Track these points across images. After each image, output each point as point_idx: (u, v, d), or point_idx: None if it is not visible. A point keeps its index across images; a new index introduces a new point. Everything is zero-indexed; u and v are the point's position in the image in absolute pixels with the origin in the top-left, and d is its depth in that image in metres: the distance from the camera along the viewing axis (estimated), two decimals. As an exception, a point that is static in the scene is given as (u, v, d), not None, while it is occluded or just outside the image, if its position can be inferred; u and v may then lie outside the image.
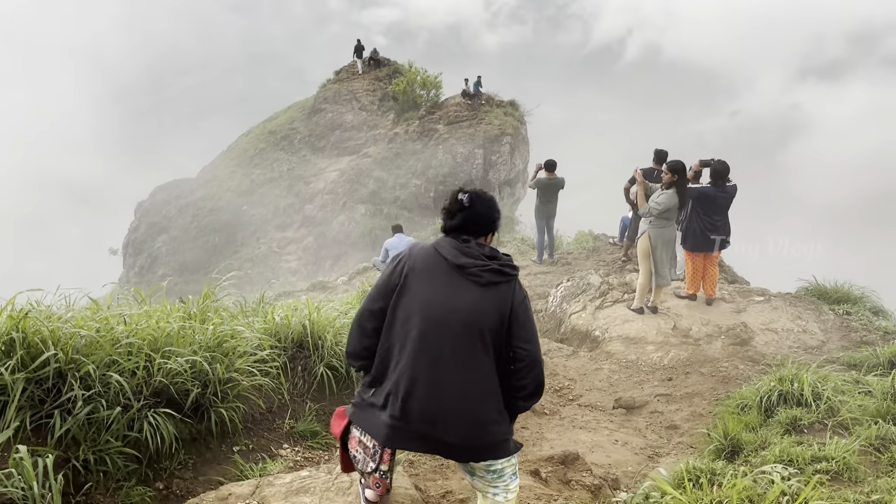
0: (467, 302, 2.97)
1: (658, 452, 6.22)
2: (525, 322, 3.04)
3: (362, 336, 3.16)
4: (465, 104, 35.89)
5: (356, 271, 16.38)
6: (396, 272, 3.11)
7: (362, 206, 32.28)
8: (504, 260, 3.10)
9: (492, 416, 3.03)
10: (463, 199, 3.11)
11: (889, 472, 4.75)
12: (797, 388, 5.99)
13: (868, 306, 10.14)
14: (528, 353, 3.02)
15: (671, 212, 9.06)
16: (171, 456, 4.23)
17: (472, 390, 2.98)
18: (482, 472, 3.16)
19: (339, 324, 5.63)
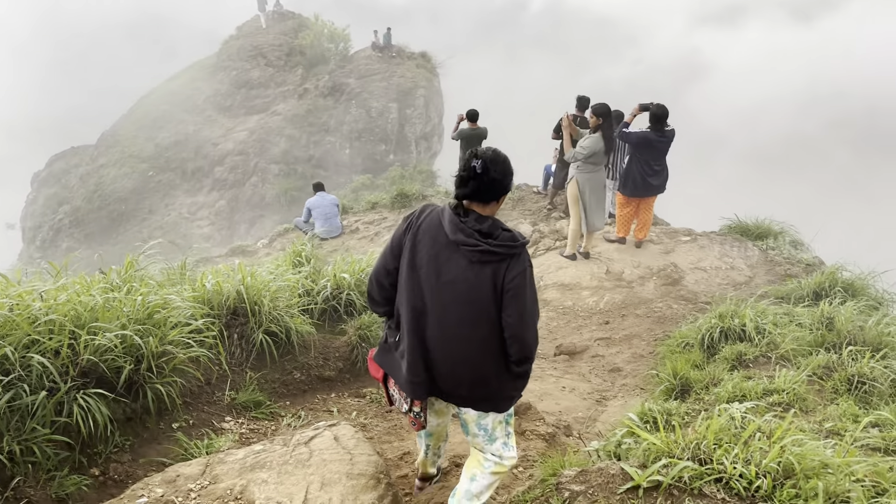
0: (460, 272, 3.05)
1: (605, 396, 6.22)
2: (515, 297, 3.06)
3: (381, 289, 3.31)
4: (375, 57, 35.13)
5: (276, 233, 15.84)
6: (404, 234, 3.19)
7: (275, 166, 31.37)
8: (500, 238, 3.05)
9: (489, 373, 3.15)
10: (476, 166, 3.00)
11: (834, 399, 4.84)
12: (738, 323, 6.06)
13: (788, 240, 10.44)
14: (511, 326, 3.07)
15: (598, 156, 9.00)
16: (105, 439, 3.90)
17: (461, 355, 3.13)
18: (474, 427, 3.32)
19: (274, 287, 5.33)
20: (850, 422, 4.35)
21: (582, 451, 3.73)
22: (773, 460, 2.91)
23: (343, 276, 6.01)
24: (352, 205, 16.92)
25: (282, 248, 14.59)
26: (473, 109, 13.20)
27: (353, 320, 5.86)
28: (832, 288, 7.79)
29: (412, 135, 34.13)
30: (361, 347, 5.67)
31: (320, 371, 5.46)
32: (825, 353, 5.33)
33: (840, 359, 5.16)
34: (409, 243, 3.15)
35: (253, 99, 34.69)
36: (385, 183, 23.58)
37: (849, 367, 5.00)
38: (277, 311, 5.22)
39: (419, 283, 3.10)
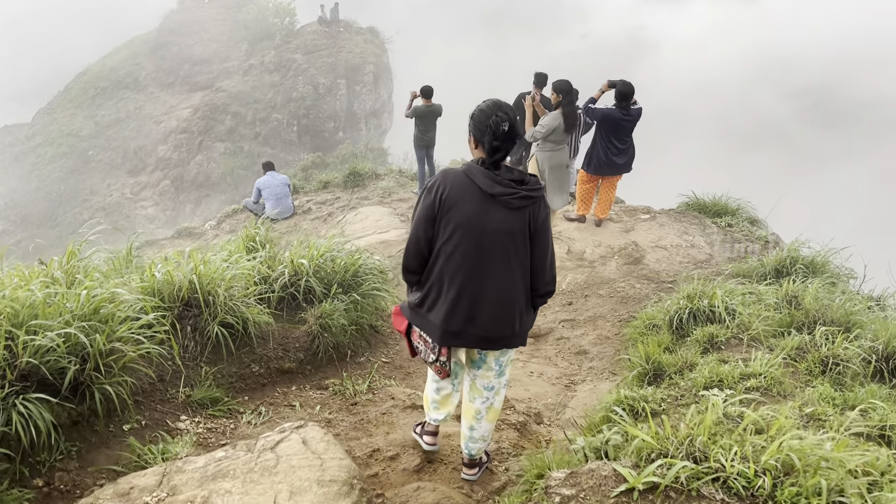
0: (500, 222, 3.37)
1: (573, 380, 6.09)
2: (544, 234, 3.49)
3: (419, 255, 3.54)
4: (322, 32, 34.42)
5: (225, 214, 15.36)
6: (435, 201, 3.42)
7: (220, 144, 30.58)
8: (531, 183, 3.42)
9: (520, 312, 3.53)
10: (505, 129, 3.34)
11: (809, 382, 4.77)
12: (707, 304, 5.97)
13: (744, 217, 10.46)
14: (541, 261, 3.51)
15: (557, 134, 8.83)
16: (49, 447, 3.58)
17: (506, 295, 3.46)
18: (493, 363, 3.73)
19: (229, 275, 5.01)
20: (829, 406, 4.27)
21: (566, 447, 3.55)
22: (771, 457, 2.77)
23: (301, 261, 5.71)
24: (303, 184, 16.50)
25: (231, 230, 14.16)
26: (428, 86, 12.90)
27: (314, 308, 5.59)
28: (793, 265, 7.78)
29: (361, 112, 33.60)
30: (323, 337, 5.41)
31: (280, 363, 5.19)
32: (797, 334, 5.26)
33: (813, 340, 5.09)
34: (444, 209, 3.40)
35: (196, 75, 33.69)
36: (335, 161, 23.14)
37: (822, 349, 4.93)
38: (233, 301, 4.92)
39: (464, 239, 3.38)
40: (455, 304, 3.45)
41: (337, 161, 22.95)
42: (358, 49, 34.06)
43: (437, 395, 4.02)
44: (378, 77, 34.61)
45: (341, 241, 6.39)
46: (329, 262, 5.95)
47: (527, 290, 3.54)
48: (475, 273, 3.41)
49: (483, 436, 3.91)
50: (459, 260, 3.40)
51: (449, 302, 3.46)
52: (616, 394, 4.72)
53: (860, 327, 5.55)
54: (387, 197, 13.79)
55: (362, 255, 6.21)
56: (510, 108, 3.44)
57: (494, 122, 3.34)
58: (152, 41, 36.52)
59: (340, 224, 12.61)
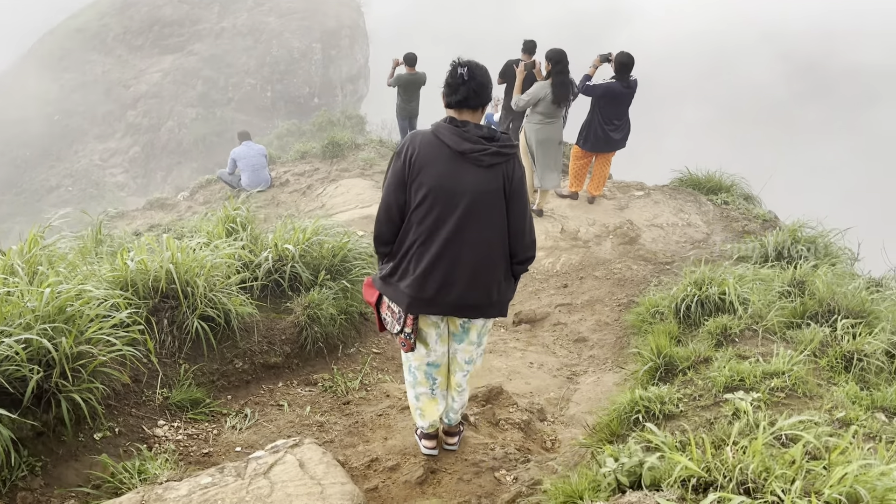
0: (472, 183, 3.20)
1: (575, 372, 5.77)
2: (520, 195, 3.33)
3: (390, 223, 3.36)
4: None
5: (198, 185, 14.75)
6: (405, 164, 3.23)
7: (192, 109, 29.71)
8: (502, 140, 3.24)
9: (498, 279, 3.39)
10: (463, 73, 3.20)
11: (831, 378, 4.49)
12: (717, 292, 5.66)
13: (739, 193, 10.18)
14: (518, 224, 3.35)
15: (544, 105, 8.37)
16: (10, 464, 3.19)
17: (484, 259, 3.31)
18: (474, 335, 3.59)
19: (209, 264, 4.59)
20: (859, 408, 3.99)
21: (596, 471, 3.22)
22: (836, 489, 2.46)
23: (287, 247, 5.30)
24: (279, 154, 15.94)
25: (205, 202, 13.64)
26: (411, 53, 12.39)
27: (300, 297, 5.19)
28: (794, 246, 7.52)
29: (337, 77, 32.84)
30: (311, 328, 5.02)
31: (265, 358, 4.80)
32: (815, 326, 4.97)
33: (834, 333, 4.81)
34: (413, 172, 3.21)
35: (167, 38, 32.60)
36: (312, 129, 22.49)
37: (844, 343, 4.65)
38: (214, 291, 4.50)
39: (436, 202, 3.20)
40: (429, 270, 3.29)
41: (314, 129, 22.30)
42: (333, 12, 33.23)
43: (418, 402, 3.80)
44: (354, 41, 33.83)
45: (328, 223, 5.97)
46: (316, 247, 5.54)
47: (506, 255, 3.40)
48: (450, 237, 3.25)
49: (463, 404, 3.89)
50: (432, 225, 3.24)
51: (422, 269, 3.30)
52: (631, 394, 4.40)
53: (876, 317, 5.30)
54: (368, 169, 13.33)
55: (350, 238, 5.80)
56: (483, 68, 3.30)
57: (452, 67, 3.25)
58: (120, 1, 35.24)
59: (320, 197, 12.15)
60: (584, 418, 5.02)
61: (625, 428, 4.24)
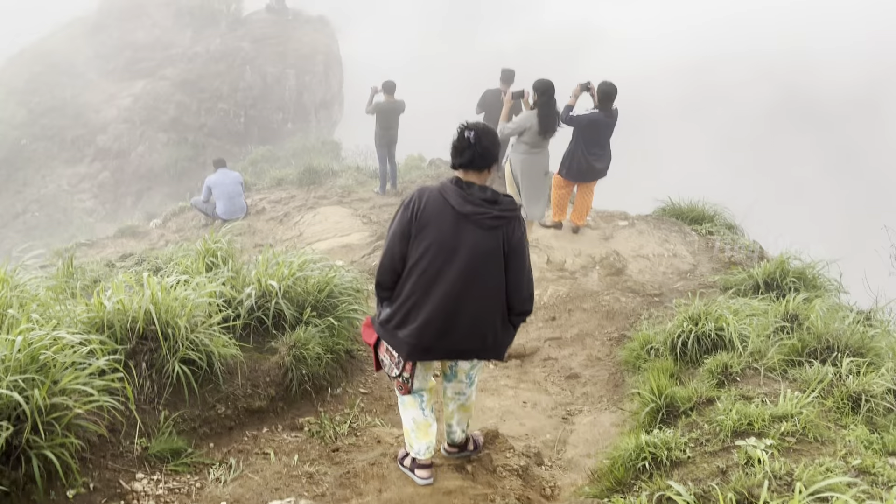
0: (472, 242, 3.39)
1: (570, 411, 5.58)
2: (519, 255, 3.50)
3: (393, 272, 3.53)
4: (271, 20, 33.28)
5: (171, 213, 14.43)
6: (411, 218, 3.43)
7: (163, 134, 29.23)
8: (504, 203, 3.44)
9: (495, 327, 3.55)
10: (469, 137, 3.38)
11: (839, 420, 4.35)
12: (714, 327, 5.51)
13: (722, 223, 10.13)
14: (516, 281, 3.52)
15: (530, 135, 8.27)
16: (-26, 530, 2.91)
17: (479, 312, 3.48)
18: (463, 376, 3.79)
19: (191, 303, 4.34)
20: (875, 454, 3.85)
21: None
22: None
23: (271, 283, 5.06)
24: (255, 181, 15.69)
25: (178, 230, 13.33)
26: (390, 81, 12.27)
27: (285, 336, 4.95)
28: (783, 279, 7.44)
29: (311, 103, 32.61)
30: (296, 369, 4.78)
31: (249, 402, 4.55)
32: (817, 364, 4.84)
33: (838, 372, 4.68)
34: (417, 226, 3.42)
35: (138, 62, 32.18)
36: (287, 155, 22.25)
37: (850, 383, 4.51)
38: (197, 332, 4.25)
39: (437, 257, 3.39)
40: (428, 322, 3.44)
41: (288, 155, 22.08)
42: (308, 38, 33.08)
43: (413, 424, 3.91)
44: (329, 67, 33.67)
45: (315, 256, 5.74)
46: (301, 282, 5.31)
47: (502, 307, 3.55)
48: (448, 291, 3.40)
49: (462, 427, 4.03)
50: (432, 278, 3.41)
51: (421, 321, 3.45)
52: (635, 439, 4.22)
53: (877, 354, 5.19)
54: (346, 196, 13.11)
55: (337, 273, 5.58)
56: (491, 132, 3.47)
57: (459, 131, 3.45)
58: (91, 24, 34.80)
59: (298, 225, 11.91)
60: (583, 462, 4.83)
61: (631, 475, 4.06)
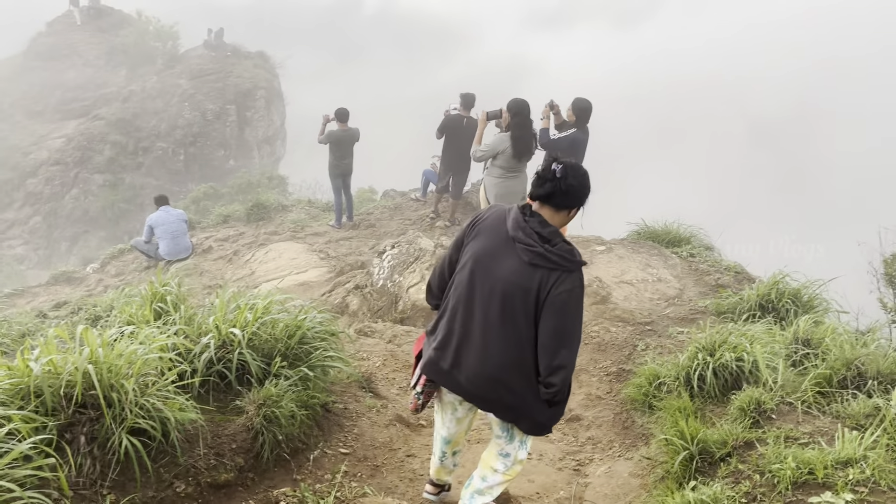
0: (510, 271, 3.10)
1: (580, 461, 4.94)
2: (556, 312, 3.04)
3: (441, 276, 3.45)
4: (209, 57, 32.47)
5: (110, 256, 13.41)
6: (470, 226, 3.32)
7: (99, 176, 27.99)
8: (558, 247, 3.07)
9: (513, 381, 3.18)
10: (556, 169, 3.08)
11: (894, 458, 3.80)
12: (731, 358, 4.95)
13: (700, 245, 9.73)
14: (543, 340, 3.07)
15: (505, 159, 7.77)
16: None
17: (496, 354, 3.15)
18: (498, 428, 3.45)
19: (140, 360, 3.58)
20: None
21: None
22: None
23: (232, 330, 4.32)
24: (198, 219, 14.79)
25: (118, 273, 12.37)
26: (343, 108, 11.66)
27: (252, 392, 4.20)
28: (779, 300, 6.99)
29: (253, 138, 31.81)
30: (268, 432, 4.04)
31: (213, 475, 3.78)
32: (862, 396, 4.31)
33: (888, 405, 4.14)
34: (471, 235, 3.30)
35: (70, 102, 30.94)
36: (231, 192, 21.36)
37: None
38: (148, 396, 3.49)
39: (473, 273, 3.20)
40: (447, 340, 3.31)
41: (232, 191, 21.19)
42: (248, 74, 32.33)
43: (434, 458, 3.88)
44: (270, 102, 32.97)
45: (281, 297, 5.01)
46: (267, 327, 4.58)
47: (525, 363, 3.15)
48: (468, 311, 3.21)
49: (491, 488, 3.58)
50: (463, 294, 3.24)
51: (442, 336, 3.33)
52: (675, 496, 3.60)
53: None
54: (300, 231, 12.36)
55: (308, 315, 4.86)
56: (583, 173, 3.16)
57: (547, 161, 3.17)
58: (18, 66, 33.43)
59: (249, 264, 11.10)
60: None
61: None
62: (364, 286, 8.46)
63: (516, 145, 7.67)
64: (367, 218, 12.77)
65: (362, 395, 5.44)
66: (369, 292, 8.31)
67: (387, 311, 7.91)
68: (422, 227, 11.35)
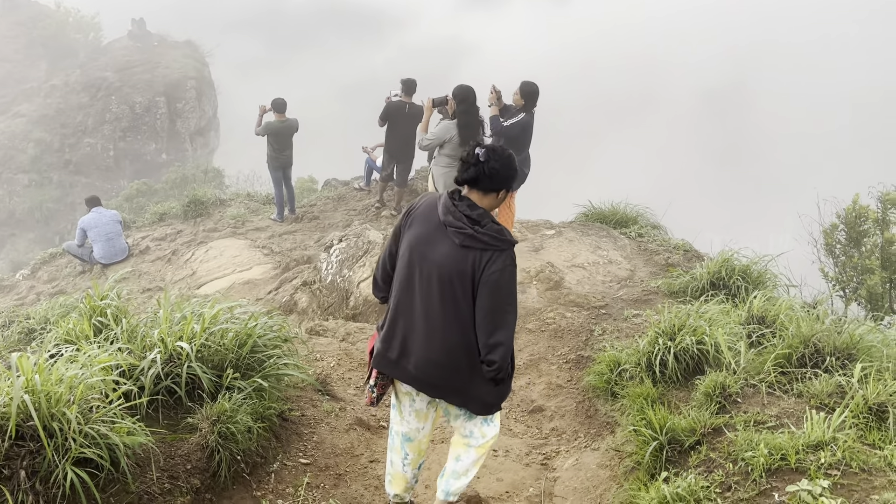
0: (444, 255, 3.16)
1: (546, 454, 4.86)
2: (489, 292, 3.11)
3: (384, 269, 3.50)
4: (135, 47, 31.41)
5: (41, 260, 12.79)
6: (405, 216, 3.38)
7: (24, 175, 26.88)
8: (488, 229, 3.11)
9: (458, 365, 3.23)
10: (479, 154, 3.14)
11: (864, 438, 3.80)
12: (692, 342, 4.92)
13: (647, 224, 9.77)
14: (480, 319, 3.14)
15: (452, 147, 7.60)
16: None
17: (436, 336, 3.21)
18: (455, 409, 3.44)
19: (82, 384, 3.33)
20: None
21: None
22: None
23: (180, 344, 4.09)
24: (133, 218, 14.26)
25: (50, 279, 11.82)
26: (280, 99, 11.32)
27: (205, 408, 3.98)
28: (730, 277, 7.04)
29: (186, 131, 30.94)
30: (225, 449, 3.83)
31: (168, 500, 3.56)
32: (824, 375, 4.32)
33: (850, 383, 4.16)
34: (407, 225, 3.34)
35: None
36: (165, 187, 20.71)
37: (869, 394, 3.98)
38: (92, 423, 3.25)
39: (411, 262, 3.26)
40: (392, 330, 3.36)
41: (167, 187, 20.55)
42: (177, 64, 31.36)
43: (391, 467, 3.72)
44: (201, 93, 32.08)
45: (228, 304, 4.77)
46: (216, 337, 4.35)
47: (471, 346, 3.20)
48: (410, 299, 3.28)
49: (467, 469, 3.55)
50: (403, 283, 3.31)
51: (387, 327, 3.39)
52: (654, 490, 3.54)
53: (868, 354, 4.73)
54: (240, 227, 12.00)
55: (259, 321, 4.64)
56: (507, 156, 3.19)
57: (471, 146, 3.22)
58: (-72, 64, 31.78)
59: (189, 263, 10.72)
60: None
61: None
62: (312, 282, 8.23)
63: (462, 133, 7.50)
64: (310, 210, 12.47)
65: (318, 398, 5.26)
66: (318, 288, 8.08)
67: (338, 308, 7.71)
68: (367, 218, 11.14)
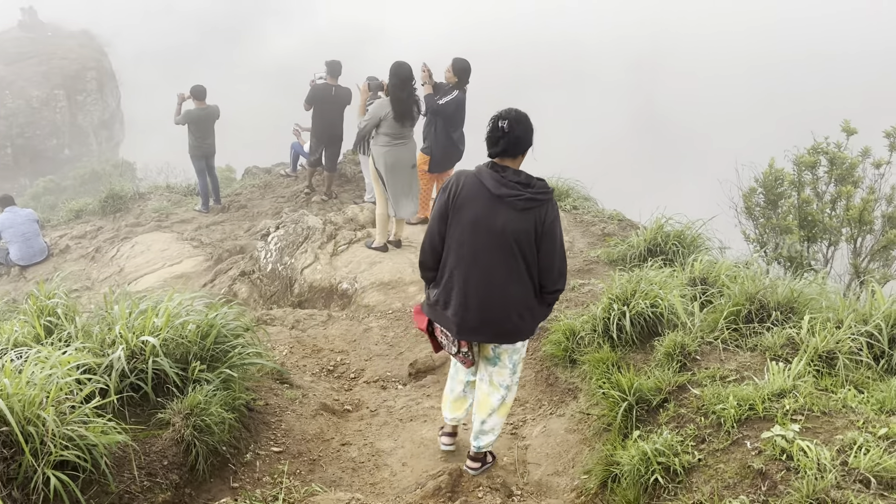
0: (506, 223, 3.54)
1: (514, 424, 4.95)
2: (552, 236, 3.65)
3: (433, 251, 3.79)
4: (27, 39, 29.86)
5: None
6: (448, 200, 3.66)
7: (-87, 178, 25.29)
8: (537, 187, 3.57)
9: (531, 306, 3.78)
10: (504, 126, 3.50)
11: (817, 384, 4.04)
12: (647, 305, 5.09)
13: (579, 196, 9.96)
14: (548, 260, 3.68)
15: (389, 125, 7.54)
16: None
17: (513, 291, 3.67)
18: (506, 359, 3.96)
19: (54, 388, 3.19)
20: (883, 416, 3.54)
21: None
22: None
23: (145, 338, 3.97)
24: (47, 216, 13.63)
25: None
26: (199, 86, 11.01)
27: (175, 402, 3.89)
28: (666, 243, 7.28)
29: (88, 124, 29.77)
30: (200, 442, 3.76)
31: (150, 497, 3.47)
32: (776, 329, 4.55)
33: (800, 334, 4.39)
34: (454, 207, 3.63)
35: None
36: (74, 184, 19.84)
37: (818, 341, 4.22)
38: (72, 426, 3.14)
39: (473, 239, 3.60)
40: (466, 301, 3.66)
41: (76, 183, 19.70)
42: (73, 55, 30.05)
43: (451, 394, 4.30)
44: (103, 84, 30.87)
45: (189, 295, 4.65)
46: (178, 330, 4.25)
47: (535, 287, 3.73)
48: (483, 271, 3.61)
49: (493, 427, 4.10)
50: (468, 258, 3.62)
51: (461, 299, 3.67)
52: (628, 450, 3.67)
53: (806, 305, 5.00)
54: (164, 220, 11.63)
55: (219, 312, 4.55)
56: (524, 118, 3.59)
57: (493, 121, 3.57)
58: None
59: (115, 260, 10.34)
60: (555, 483, 4.23)
61: (647, 497, 3.50)
62: (251, 272, 8.07)
63: (396, 108, 7.43)
64: (236, 199, 12.19)
65: (278, 387, 5.20)
66: (258, 278, 7.93)
67: (281, 296, 7.59)
68: (297, 204, 10.97)
